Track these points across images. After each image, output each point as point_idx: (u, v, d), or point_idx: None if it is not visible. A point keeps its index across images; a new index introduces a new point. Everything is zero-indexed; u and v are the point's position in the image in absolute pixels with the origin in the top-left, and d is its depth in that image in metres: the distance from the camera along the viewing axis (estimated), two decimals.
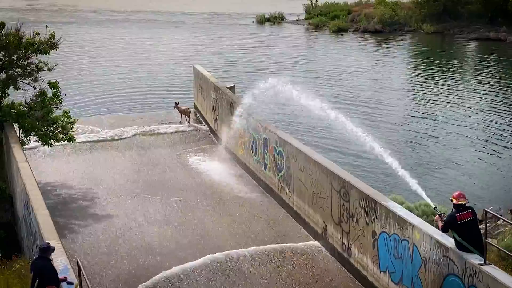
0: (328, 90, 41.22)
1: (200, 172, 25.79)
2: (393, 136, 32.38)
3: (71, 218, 21.78)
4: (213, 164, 26.60)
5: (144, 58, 54.48)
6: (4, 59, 23.53)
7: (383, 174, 25.75)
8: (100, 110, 37.62)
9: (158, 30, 71.69)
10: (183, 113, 32.79)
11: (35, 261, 12.08)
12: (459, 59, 54.69)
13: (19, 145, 21.39)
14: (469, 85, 44.36)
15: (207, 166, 26.51)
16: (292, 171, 21.43)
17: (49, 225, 14.93)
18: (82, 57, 54.34)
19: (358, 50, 59.25)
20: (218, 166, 26.42)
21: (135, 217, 21.67)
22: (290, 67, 49.62)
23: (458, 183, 26.24)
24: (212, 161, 27.05)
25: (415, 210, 19.92)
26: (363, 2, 78.37)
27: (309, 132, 32.16)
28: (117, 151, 28.66)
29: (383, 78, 46.92)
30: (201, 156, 27.78)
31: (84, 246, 19.67)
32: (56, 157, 27.71)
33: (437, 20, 68.36)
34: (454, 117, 35.77)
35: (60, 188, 24.54)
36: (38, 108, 23.76)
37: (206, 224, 21.12)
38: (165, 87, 43.34)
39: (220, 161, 26.91)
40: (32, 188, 17.21)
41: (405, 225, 15.03)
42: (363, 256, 17.19)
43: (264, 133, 23.71)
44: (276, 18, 77.60)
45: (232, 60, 53.16)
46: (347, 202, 17.77)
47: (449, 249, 13.46)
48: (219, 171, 25.88)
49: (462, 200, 13.22)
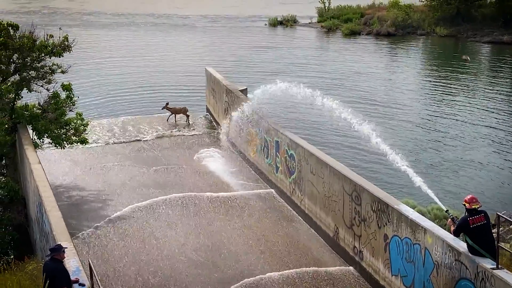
0: (342, 92, 41.16)
1: (213, 175, 25.76)
2: (407, 138, 32.27)
3: (83, 220, 21.87)
4: (225, 166, 26.62)
5: (156, 60, 54.55)
6: (18, 62, 23.69)
7: (395, 177, 25.66)
8: (112, 112, 37.66)
9: (170, 32, 71.81)
10: (179, 113, 32.93)
11: (47, 263, 12.13)
12: (473, 62, 54.42)
13: (32, 146, 21.49)
14: (482, 88, 44.11)
15: (220, 168, 26.52)
16: (303, 174, 21.41)
17: (61, 226, 14.99)
18: (93, 60, 54.48)
19: (371, 53, 59.10)
20: (229, 168, 26.44)
21: (147, 219, 21.72)
22: (302, 70, 49.59)
23: (471, 186, 26.12)
24: (224, 163, 27.07)
25: (427, 214, 19.91)
26: (376, 5, 78.11)
27: (319, 133, 32.16)
28: (130, 152, 28.75)
29: (396, 80, 46.75)
30: (213, 158, 27.76)
31: (96, 248, 19.74)
32: (68, 159, 27.83)
33: (450, 23, 68.06)
34: (467, 120, 35.58)
35: (73, 190, 24.65)
36: (52, 110, 23.90)
37: (218, 229, 21.15)
38: (177, 89, 43.35)
39: (232, 164, 26.93)
40: (45, 190, 17.29)
41: (417, 228, 14.98)
42: (375, 260, 17.15)
43: (276, 136, 23.71)
44: (289, 21, 77.50)
45: (244, 62, 53.15)
46: (359, 205, 17.73)
47: (461, 253, 13.40)
48: (230, 173, 25.89)
49: (474, 204, 13.17)
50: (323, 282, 17.78)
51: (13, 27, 23.84)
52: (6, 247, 21.12)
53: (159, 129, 32.05)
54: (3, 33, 23.36)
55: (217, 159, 27.73)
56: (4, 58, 23.31)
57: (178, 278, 17.98)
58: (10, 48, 23.16)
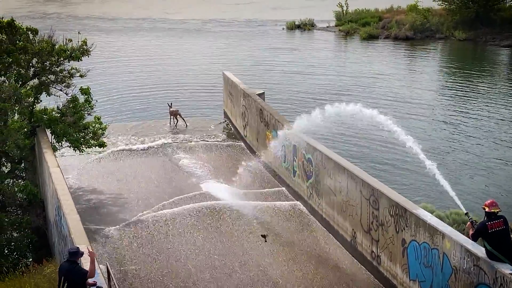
0: (359, 95, 41.15)
1: (231, 180, 25.81)
2: (426, 141, 32.04)
3: (101, 223, 21.97)
4: (241, 170, 26.63)
5: (174, 64, 54.76)
6: (37, 66, 23.87)
7: (415, 181, 25.57)
8: (130, 116, 37.87)
9: (188, 36, 72.05)
10: (172, 115, 33.21)
11: (62, 264, 12.22)
12: (492, 66, 54.01)
13: (51, 150, 21.63)
14: (502, 93, 43.78)
15: (238, 172, 26.53)
16: (321, 178, 21.37)
17: (79, 229, 15.08)
18: (109, 64, 54.79)
19: (389, 57, 58.87)
20: (247, 173, 26.44)
21: (164, 223, 21.77)
22: (320, 74, 49.55)
23: (491, 191, 25.94)
24: (241, 168, 27.08)
25: (445, 218, 19.79)
26: (394, 8, 77.77)
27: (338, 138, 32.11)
28: (146, 158, 28.82)
29: (414, 85, 46.49)
30: (231, 163, 27.77)
31: (113, 251, 19.82)
32: (86, 163, 28.00)
33: (469, 27, 67.58)
34: (486, 125, 35.33)
35: (91, 194, 24.78)
36: (70, 114, 24.05)
37: (236, 235, 21.16)
38: (194, 93, 43.50)
39: (250, 169, 26.92)
40: (64, 193, 17.39)
41: (435, 233, 14.89)
42: (393, 265, 17.06)
43: (293, 140, 23.67)
44: (306, 24, 77.37)
45: (262, 66, 53.19)
46: (377, 210, 17.65)
47: (479, 258, 13.30)
48: (248, 178, 25.87)
49: (494, 208, 13.07)
50: (341, 286, 17.74)
51: (32, 31, 24.03)
52: (24, 250, 21.26)
53: (175, 134, 32.18)
54: (22, 38, 23.56)
55: (234, 163, 27.65)
56: (23, 62, 23.50)
57: (195, 282, 18.00)
58: (30, 52, 23.35)
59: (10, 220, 21.49)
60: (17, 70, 23.58)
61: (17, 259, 20.88)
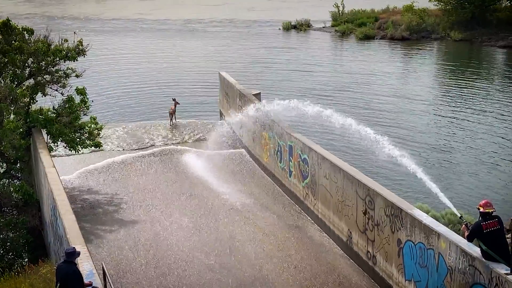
0: (355, 95, 41.23)
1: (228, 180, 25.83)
2: (419, 143, 32.15)
3: (97, 223, 21.94)
4: (237, 170, 26.64)
5: (169, 65, 54.72)
6: (33, 66, 23.85)
7: (409, 182, 25.57)
8: (125, 117, 37.83)
9: (184, 37, 71.99)
10: (171, 113, 33.50)
11: (59, 265, 12.18)
12: (488, 67, 54.12)
13: (47, 150, 21.60)
14: (497, 93, 43.86)
15: (233, 172, 26.55)
16: (317, 178, 21.38)
17: (75, 230, 15.05)
18: (105, 64, 54.73)
19: (385, 57, 58.94)
20: (243, 173, 26.46)
21: (161, 223, 21.76)
22: (316, 74, 49.58)
23: (485, 191, 25.98)
24: (237, 168, 27.11)
25: (441, 218, 19.81)
26: (390, 9, 77.88)
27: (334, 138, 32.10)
28: (143, 158, 28.77)
29: (410, 85, 46.59)
30: (227, 162, 27.80)
31: (109, 251, 19.79)
32: (82, 163, 27.97)
33: (465, 27, 67.70)
34: (482, 125, 35.41)
35: (86, 194, 24.74)
36: (66, 114, 24.02)
37: (234, 234, 21.16)
38: (190, 93, 43.43)
39: (246, 169, 26.94)
40: (59, 193, 17.37)
41: (430, 233, 14.91)
42: (388, 265, 17.08)
43: (289, 140, 23.69)
44: (302, 25, 77.43)
45: (258, 67, 53.19)
46: (372, 210, 17.67)
47: (475, 258, 13.33)
48: (244, 178, 25.90)
49: (489, 208, 13.10)
50: (337, 286, 17.74)
51: (28, 31, 24.02)
52: (20, 250, 21.25)
53: (171, 133, 32.18)
54: (18, 38, 23.55)
55: (229, 162, 27.75)
56: (19, 62, 23.48)
57: (192, 282, 17.98)
58: (25, 53, 23.34)
59: (6, 221, 21.45)
60: (12, 70, 23.58)
61: (13, 259, 20.86)
